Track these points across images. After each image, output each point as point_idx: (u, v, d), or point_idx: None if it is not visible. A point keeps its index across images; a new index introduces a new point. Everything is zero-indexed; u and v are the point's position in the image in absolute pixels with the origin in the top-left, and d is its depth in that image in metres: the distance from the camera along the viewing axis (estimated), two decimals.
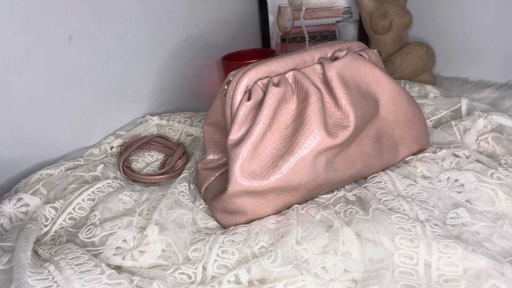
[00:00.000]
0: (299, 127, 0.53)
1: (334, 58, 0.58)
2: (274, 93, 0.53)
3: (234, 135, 0.54)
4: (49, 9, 0.65)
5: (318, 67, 0.57)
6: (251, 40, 1.05)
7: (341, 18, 1.02)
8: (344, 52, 0.58)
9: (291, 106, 0.55)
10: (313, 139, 0.52)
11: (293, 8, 1.02)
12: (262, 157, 0.53)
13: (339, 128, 0.54)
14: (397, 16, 0.92)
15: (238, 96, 0.54)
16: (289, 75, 0.56)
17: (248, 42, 1.04)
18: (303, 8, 1.02)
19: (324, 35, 1.03)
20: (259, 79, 0.55)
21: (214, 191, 0.59)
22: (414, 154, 0.64)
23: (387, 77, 0.59)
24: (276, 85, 0.54)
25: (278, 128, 0.54)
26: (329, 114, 0.55)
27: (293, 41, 1.04)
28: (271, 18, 1.03)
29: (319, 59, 0.58)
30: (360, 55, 0.60)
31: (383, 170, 0.61)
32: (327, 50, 0.58)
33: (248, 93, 0.54)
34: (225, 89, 0.55)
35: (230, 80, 0.55)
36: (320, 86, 0.56)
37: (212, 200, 0.57)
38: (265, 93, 0.54)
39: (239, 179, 0.52)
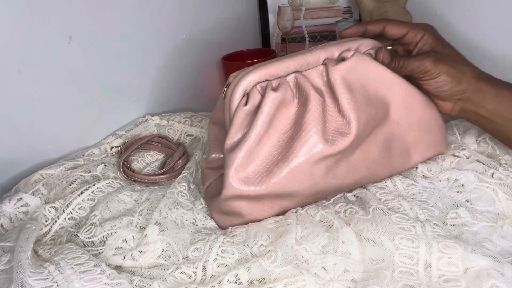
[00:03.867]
0: (297, 133, 0.51)
1: (341, 59, 0.55)
2: (270, 99, 0.51)
3: (231, 140, 0.53)
4: (49, 9, 0.65)
5: (322, 68, 0.54)
6: (251, 40, 1.05)
7: (341, 18, 1.02)
8: (351, 53, 0.54)
9: (291, 110, 0.53)
10: (310, 146, 0.50)
11: (293, 8, 1.02)
12: (256, 163, 0.51)
13: (338, 135, 0.52)
14: (397, 16, 0.92)
15: (236, 100, 0.53)
16: (290, 78, 0.54)
17: (248, 42, 1.04)
18: (303, 8, 1.02)
19: (324, 35, 1.03)
20: (258, 83, 0.53)
21: (213, 191, 0.58)
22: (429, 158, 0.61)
23: (399, 79, 0.55)
24: (275, 89, 0.52)
25: (276, 133, 0.52)
26: (330, 120, 0.53)
27: (293, 41, 1.04)
28: (271, 18, 1.03)
29: (324, 60, 0.55)
30: (370, 54, 0.56)
31: (391, 176, 0.58)
32: (334, 50, 0.55)
33: (246, 97, 0.53)
34: (224, 91, 0.55)
35: (230, 83, 0.54)
36: (323, 89, 0.54)
37: (210, 200, 0.57)
38: (263, 97, 0.52)
39: (234, 184, 0.51)
